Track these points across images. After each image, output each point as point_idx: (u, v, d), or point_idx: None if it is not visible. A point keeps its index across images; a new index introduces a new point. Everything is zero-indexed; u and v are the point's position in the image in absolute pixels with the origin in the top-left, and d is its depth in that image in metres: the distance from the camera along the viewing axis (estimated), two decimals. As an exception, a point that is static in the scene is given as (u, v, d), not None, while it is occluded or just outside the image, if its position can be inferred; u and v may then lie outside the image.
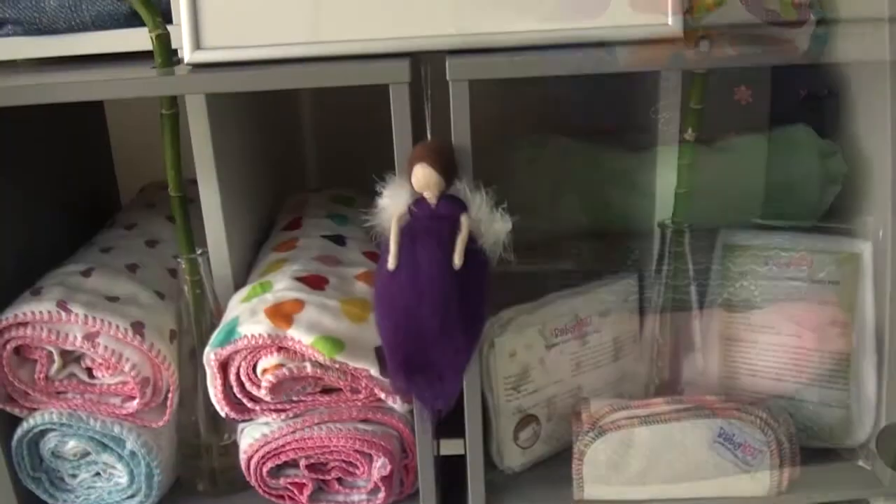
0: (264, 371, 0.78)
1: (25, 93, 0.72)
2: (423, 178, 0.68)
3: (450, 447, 0.87)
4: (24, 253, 0.89)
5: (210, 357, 0.78)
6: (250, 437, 0.81)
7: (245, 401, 0.79)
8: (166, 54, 0.75)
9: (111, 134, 1.19)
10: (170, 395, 0.84)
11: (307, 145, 1.20)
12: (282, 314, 0.78)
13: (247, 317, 0.79)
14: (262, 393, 0.78)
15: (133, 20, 0.81)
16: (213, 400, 0.80)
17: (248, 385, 0.79)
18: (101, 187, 1.16)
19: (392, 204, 0.70)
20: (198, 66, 0.73)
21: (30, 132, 0.92)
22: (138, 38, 0.81)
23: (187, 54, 0.73)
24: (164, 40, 0.74)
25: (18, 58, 0.86)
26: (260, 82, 0.71)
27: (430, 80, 0.75)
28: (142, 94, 0.71)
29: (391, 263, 0.68)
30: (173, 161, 0.79)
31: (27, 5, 0.83)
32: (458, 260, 0.68)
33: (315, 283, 0.83)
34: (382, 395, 0.79)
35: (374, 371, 0.77)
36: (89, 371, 0.83)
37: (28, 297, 0.82)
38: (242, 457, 0.82)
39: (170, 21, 0.80)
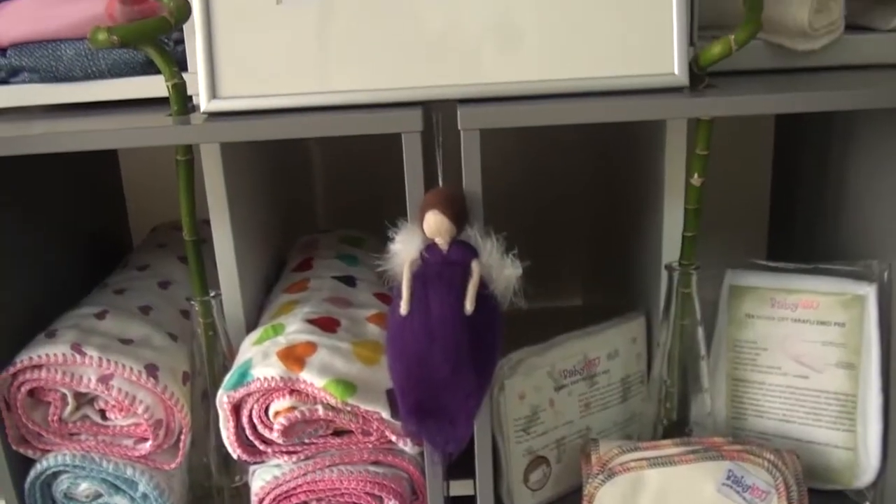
0: (277, 414, 0.78)
1: (42, 141, 0.73)
2: (435, 224, 0.69)
3: (460, 488, 0.87)
4: (37, 294, 0.91)
5: (223, 399, 0.79)
6: (262, 480, 0.82)
7: (257, 443, 0.80)
8: (182, 102, 0.76)
9: (123, 173, 1.21)
10: (182, 437, 0.85)
11: (317, 185, 1.22)
12: (294, 357, 0.79)
13: (259, 359, 0.79)
14: (274, 435, 0.79)
15: (148, 68, 0.83)
16: (226, 442, 0.80)
17: (260, 427, 0.79)
18: (112, 226, 1.17)
19: (404, 249, 0.71)
20: (213, 115, 0.75)
21: (43, 172, 0.94)
22: (154, 86, 0.83)
23: (204, 103, 0.74)
24: (180, 89, 0.76)
25: (34, 104, 0.88)
26: (275, 131, 0.72)
27: (441, 127, 0.77)
28: (160, 143, 0.72)
29: (404, 308, 0.69)
30: (188, 206, 0.80)
31: (44, 54, 0.84)
32: (469, 305, 0.69)
33: (327, 325, 0.84)
34: (393, 438, 0.80)
35: (386, 414, 0.78)
36: (102, 413, 0.84)
37: (43, 340, 0.83)
38: (254, 499, 0.83)
39: (184, 68, 0.82)
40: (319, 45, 0.74)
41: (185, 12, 0.74)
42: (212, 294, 0.84)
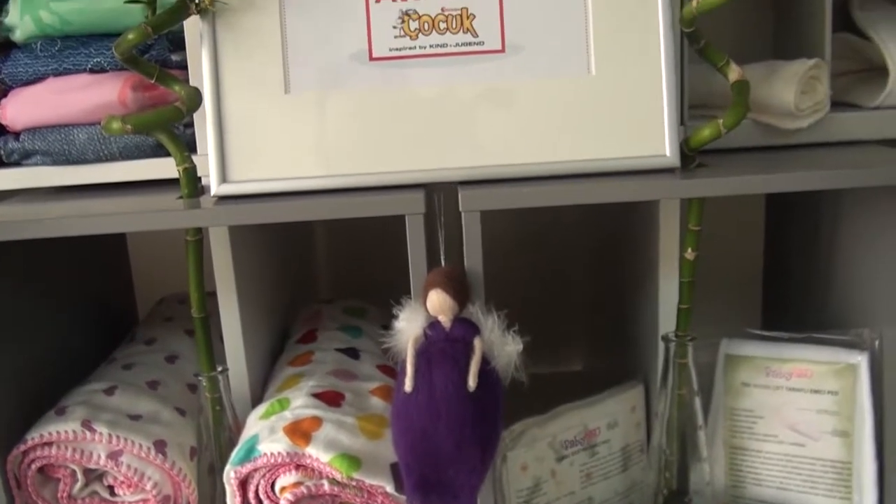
0: (283, 489, 0.80)
1: (55, 226, 0.75)
2: (438, 303, 0.72)
3: (463, 560, 0.88)
4: (45, 366, 0.92)
5: (230, 475, 0.80)
6: (268, 554, 0.83)
7: (264, 518, 0.81)
8: (192, 186, 0.79)
9: (129, 243, 1.23)
10: (189, 512, 0.86)
11: (320, 256, 1.24)
12: (300, 432, 0.80)
13: (266, 434, 0.81)
14: (280, 510, 0.80)
15: (159, 150, 0.86)
16: (233, 517, 0.81)
17: (266, 503, 0.80)
18: (119, 297, 1.19)
19: (408, 327, 0.74)
20: (223, 198, 0.77)
21: (49, 245, 0.96)
22: (164, 167, 0.86)
23: (214, 187, 0.77)
24: (190, 173, 0.79)
25: (47, 185, 0.91)
26: (283, 215, 0.75)
27: (443, 206, 0.80)
28: (172, 226, 0.75)
29: (408, 385, 0.71)
30: (196, 284, 0.82)
31: (57, 138, 0.87)
32: (472, 382, 0.71)
33: (332, 399, 0.86)
34: (398, 511, 0.81)
35: (390, 488, 0.79)
36: (111, 489, 0.85)
37: (53, 417, 0.84)
38: (261, 573, 0.84)
39: (193, 150, 0.85)
40: (325, 131, 0.77)
41: (197, 101, 0.77)
42: (219, 370, 0.86)
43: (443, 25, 0.77)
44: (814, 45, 0.90)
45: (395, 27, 0.77)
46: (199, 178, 0.81)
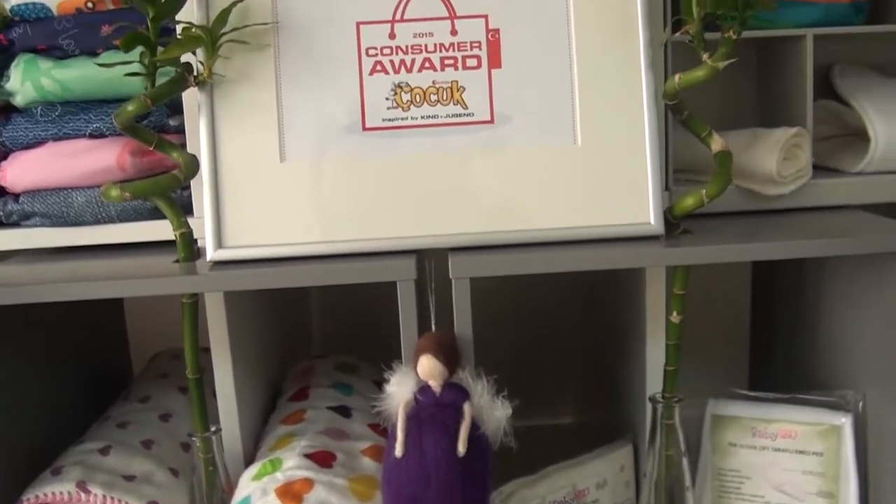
0: (275, 551, 0.80)
1: (52, 291, 0.76)
2: (428, 368, 0.73)
3: None
4: (38, 422, 0.93)
5: (223, 536, 0.81)
6: None
7: (255, 579, 0.82)
8: (189, 249, 0.81)
9: (125, 300, 1.24)
10: (181, 573, 0.87)
11: (313, 313, 1.26)
12: (292, 493, 0.81)
13: (258, 496, 0.82)
14: (270, 573, 0.80)
15: (156, 213, 0.87)
16: (225, 578, 0.82)
17: (258, 564, 0.81)
18: (113, 352, 1.21)
19: (399, 391, 0.75)
20: (218, 263, 0.79)
21: (45, 304, 0.97)
22: (161, 230, 0.88)
23: (210, 252, 0.79)
24: (187, 237, 0.81)
25: (44, 246, 0.92)
26: (278, 281, 0.76)
27: (434, 271, 0.81)
28: (168, 292, 0.77)
29: (398, 450, 0.73)
30: (192, 345, 0.83)
31: (56, 201, 0.89)
32: (461, 447, 0.72)
33: (323, 460, 0.87)
34: (387, 574, 0.82)
35: (381, 550, 0.80)
36: (105, 549, 0.86)
37: (49, 478, 0.85)
38: None
39: (189, 212, 0.87)
40: (319, 198, 0.79)
41: (194, 169, 0.79)
42: (212, 429, 0.87)
43: (434, 97, 0.79)
44: (796, 112, 0.92)
45: (387, 98, 0.79)
46: (196, 240, 0.83)
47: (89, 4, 0.88)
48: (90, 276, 0.81)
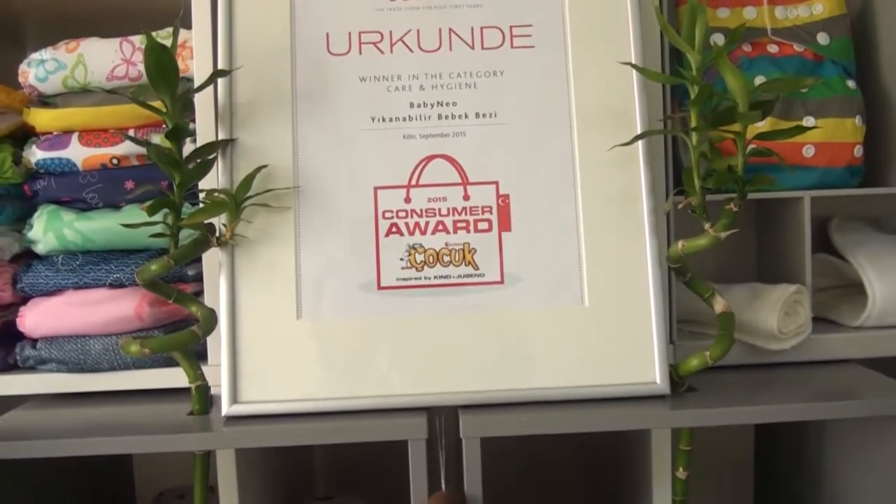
0: None
1: (67, 446, 0.77)
2: (440, 529, 0.74)
3: None
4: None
5: None
6: None
7: None
8: (203, 402, 0.82)
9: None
10: None
11: (318, 454, 1.26)
12: None
13: None
14: None
15: (171, 361, 0.89)
16: None
17: None
18: (118, 491, 1.20)
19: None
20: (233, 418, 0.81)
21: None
22: (176, 377, 0.89)
23: (225, 407, 0.80)
24: (202, 390, 0.82)
25: (60, 392, 0.93)
26: (290, 438, 0.78)
27: (444, 428, 0.83)
28: (182, 449, 0.78)
29: None
30: (202, 495, 0.84)
31: (73, 348, 0.91)
32: None
33: None
34: None
35: None
36: None
37: None
38: None
39: (204, 355, 0.88)
40: (333, 355, 0.81)
41: (212, 324, 0.81)
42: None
43: (446, 259, 0.82)
44: (795, 267, 0.95)
45: (402, 259, 0.82)
46: (210, 388, 0.84)
47: (114, 160, 0.91)
48: (104, 428, 0.82)
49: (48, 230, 0.92)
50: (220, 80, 0.83)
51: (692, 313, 0.95)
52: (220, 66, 0.83)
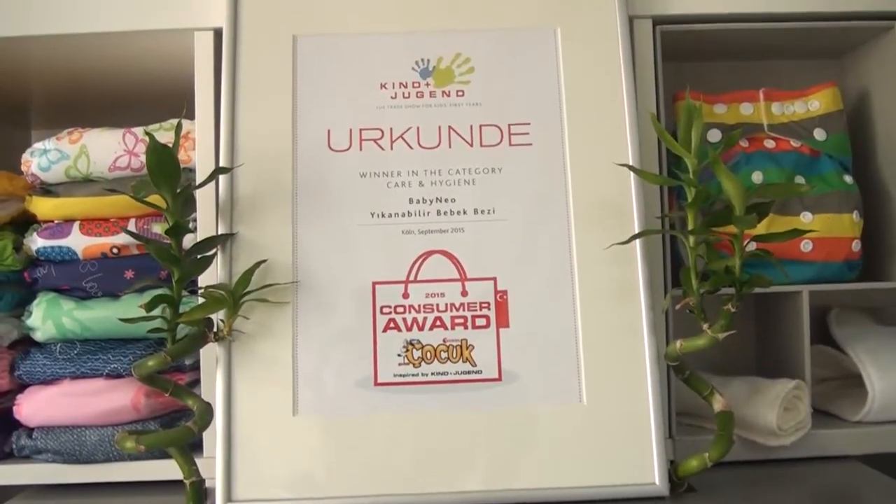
0: None
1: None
2: None
3: None
4: None
5: None
6: None
7: None
8: (198, 499, 0.81)
9: None
10: None
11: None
12: None
13: None
14: None
15: (167, 452, 0.88)
16: None
17: None
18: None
19: None
20: (225, 515, 0.80)
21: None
22: (171, 470, 0.88)
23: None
24: (196, 486, 0.81)
25: (53, 482, 0.92)
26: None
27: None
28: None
29: None
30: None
31: (69, 439, 0.90)
32: None
33: None
34: None
35: None
36: None
37: None
38: None
39: (199, 448, 0.88)
40: (329, 453, 0.80)
41: (208, 419, 0.80)
42: None
43: (444, 355, 0.82)
44: (794, 361, 0.95)
45: (399, 355, 0.82)
46: (204, 482, 0.83)
47: (115, 249, 0.92)
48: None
49: (47, 318, 0.92)
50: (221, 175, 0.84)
51: (692, 406, 0.95)
52: (221, 162, 0.84)
